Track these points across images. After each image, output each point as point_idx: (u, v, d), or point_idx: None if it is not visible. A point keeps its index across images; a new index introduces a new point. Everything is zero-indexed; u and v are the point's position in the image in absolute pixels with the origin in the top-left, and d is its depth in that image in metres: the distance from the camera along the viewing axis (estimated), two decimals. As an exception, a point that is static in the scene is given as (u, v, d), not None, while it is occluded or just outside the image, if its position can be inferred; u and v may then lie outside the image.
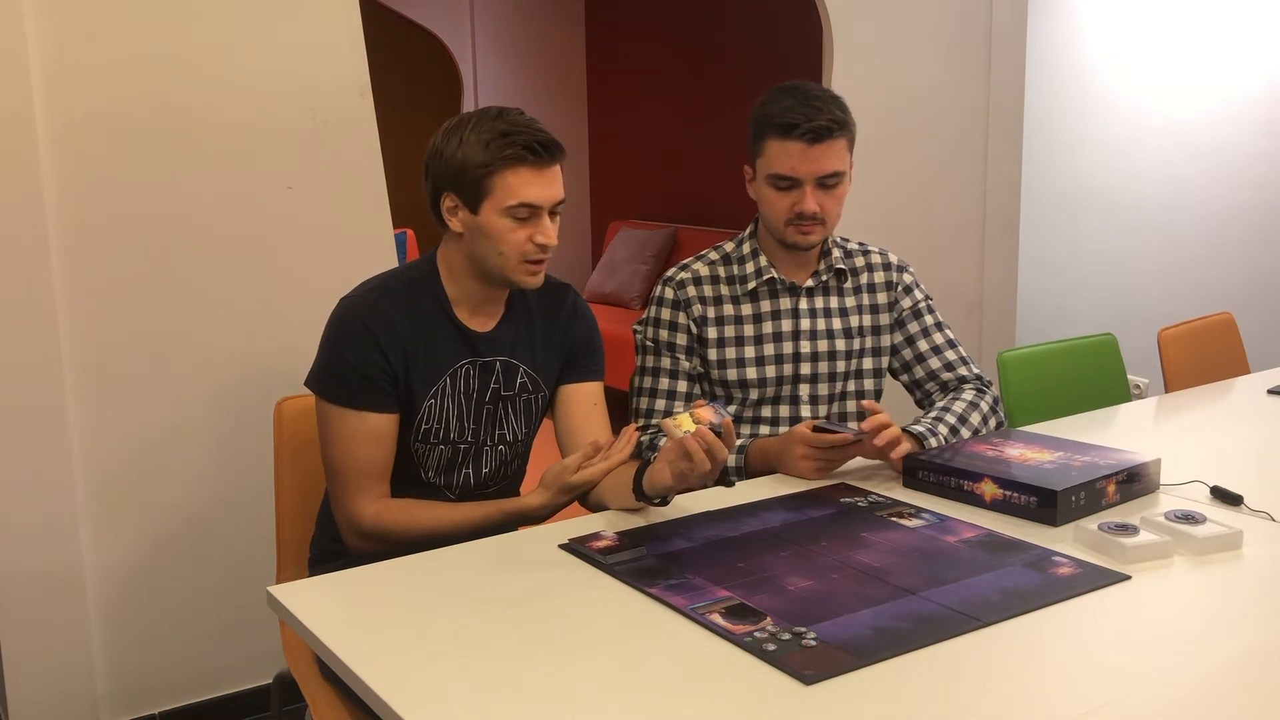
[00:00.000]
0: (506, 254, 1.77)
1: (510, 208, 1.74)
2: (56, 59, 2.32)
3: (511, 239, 1.76)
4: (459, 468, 1.89)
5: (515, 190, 1.74)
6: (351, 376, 1.78)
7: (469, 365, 1.85)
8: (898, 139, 3.62)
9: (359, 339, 1.78)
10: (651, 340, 2.16)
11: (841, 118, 2.03)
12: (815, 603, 1.44)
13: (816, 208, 2.03)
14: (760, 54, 5.30)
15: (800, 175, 2.02)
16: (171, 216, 2.47)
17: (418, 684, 1.26)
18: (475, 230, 1.78)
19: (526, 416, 1.93)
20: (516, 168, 1.73)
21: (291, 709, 2.49)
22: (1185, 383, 2.85)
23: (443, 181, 1.78)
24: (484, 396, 1.87)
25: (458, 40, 5.95)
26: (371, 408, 1.79)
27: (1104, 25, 5.02)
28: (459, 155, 1.75)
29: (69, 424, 2.41)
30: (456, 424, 1.85)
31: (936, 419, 2.08)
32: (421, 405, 1.82)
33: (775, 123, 2.01)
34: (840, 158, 2.04)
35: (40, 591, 2.43)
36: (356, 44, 2.63)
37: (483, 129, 1.74)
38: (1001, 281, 3.97)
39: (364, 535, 1.82)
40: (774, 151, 2.03)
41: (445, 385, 1.83)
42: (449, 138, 1.77)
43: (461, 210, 1.78)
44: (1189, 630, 1.38)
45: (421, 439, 1.85)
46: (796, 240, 2.08)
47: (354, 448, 1.79)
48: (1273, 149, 4.51)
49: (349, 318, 1.81)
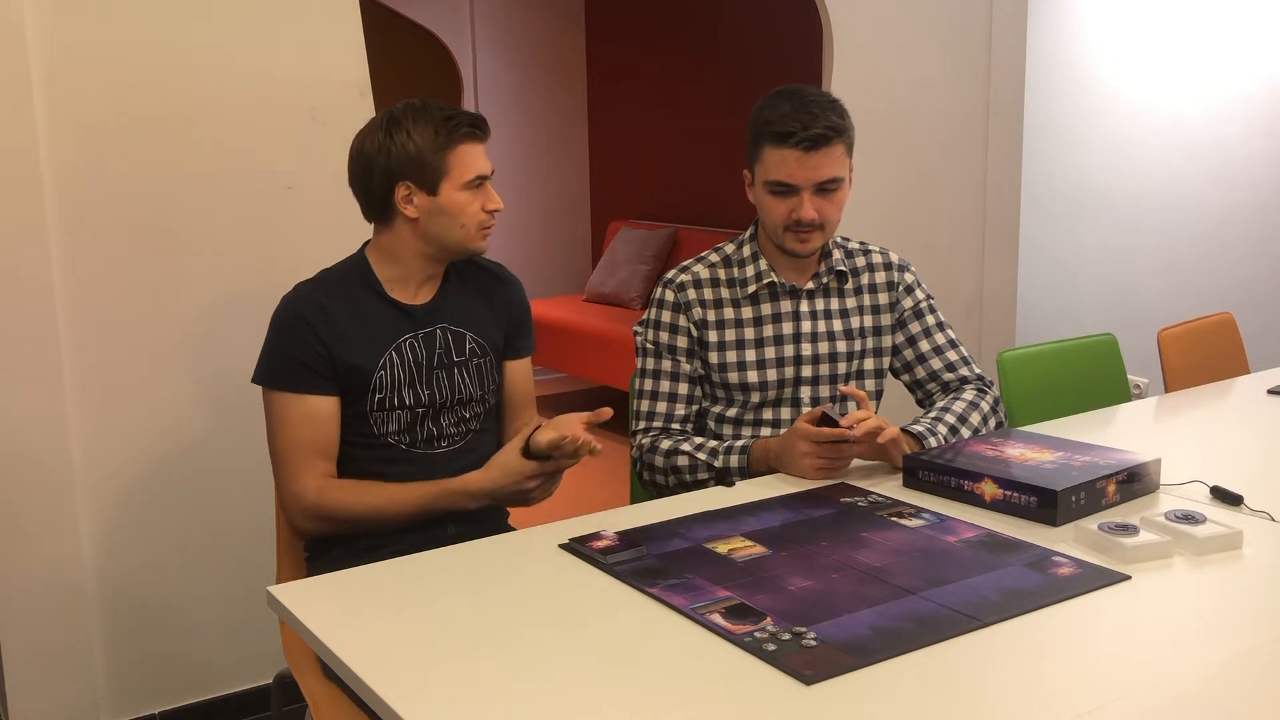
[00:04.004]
0: (468, 225, 1.95)
1: (468, 181, 1.93)
2: (56, 59, 2.32)
3: (470, 210, 1.94)
4: (420, 426, 1.99)
5: (470, 165, 1.93)
6: (290, 362, 1.90)
7: (411, 338, 1.97)
8: (898, 139, 3.62)
9: (294, 327, 1.91)
10: (652, 343, 2.15)
11: (839, 123, 2.01)
12: (815, 603, 1.44)
13: (814, 214, 2.02)
14: (760, 54, 5.30)
15: (797, 182, 2.01)
16: (171, 216, 2.47)
17: (418, 684, 1.26)
18: (434, 210, 1.93)
19: (479, 379, 2.04)
20: (467, 144, 1.93)
21: (291, 709, 2.49)
22: (1185, 383, 2.85)
23: (396, 173, 1.92)
24: (432, 362, 1.99)
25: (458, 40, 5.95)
26: (310, 390, 1.90)
27: (1104, 25, 5.02)
28: (410, 146, 1.90)
29: (69, 424, 2.41)
30: (410, 391, 1.96)
31: (936, 419, 2.08)
32: (372, 378, 1.93)
33: (772, 130, 2.00)
34: (838, 164, 2.02)
35: (41, 592, 2.43)
36: (356, 44, 2.63)
37: (425, 118, 1.91)
38: (1001, 281, 3.97)
39: (308, 513, 1.90)
40: (771, 159, 2.02)
41: (392, 357, 1.95)
42: (391, 134, 1.92)
43: (418, 195, 1.93)
44: (1189, 630, 1.38)
45: (377, 407, 1.95)
46: (795, 248, 2.07)
47: (295, 429, 1.90)
48: (1273, 149, 4.51)
49: (285, 310, 1.94)
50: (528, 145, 6.23)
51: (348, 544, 1.92)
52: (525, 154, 6.21)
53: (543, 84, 6.27)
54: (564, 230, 6.45)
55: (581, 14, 6.36)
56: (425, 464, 1.98)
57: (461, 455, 2.01)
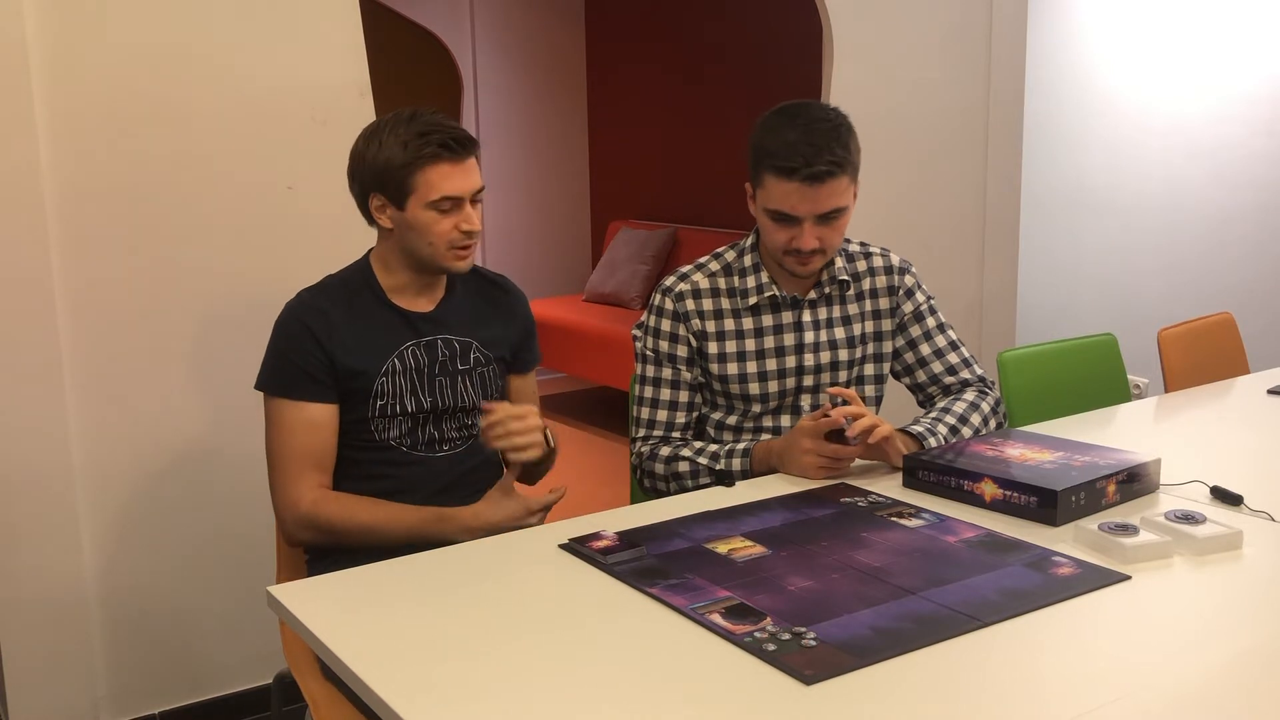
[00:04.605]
0: (435, 244, 1.90)
1: (434, 201, 1.87)
2: (57, 59, 2.32)
3: (438, 230, 1.89)
4: (420, 430, 1.98)
5: (437, 185, 1.87)
6: (291, 370, 1.89)
7: (414, 345, 1.96)
8: (898, 139, 3.62)
9: (296, 335, 1.90)
10: (652, 350, 2.15)
11: (843, 156, 1.95)
12: (815, 603, 1.44)
13: (815, 243, 1.99)
14: (760, 54, 5.30)
15: (800, 214, 1.97)
16: (172, 216, 2.47)
17: (418, 684, 1.26)
18: (404, 225, 1.90)
19: (483, 387, 2.03)
20: (436, 164, 1.86)
21: (291, 709, 2.49)
22: (1185, 383, 2.85)
23: (369, 183, 1.90)
24: (434, 370, 1.97)
25: (458, 40, 5.95)
26: (309, 398, 1.89)
27: (1104, 25, 5.02)
28: (380, 158, 1.87)
29: (69, 423, 2.41)
30: (412, 398, 1.95)
31: (936, 419, 2.08)
32: (374, 385, 1.92)
33: (774, 163, 1.95)
34: (841, 195, 1.97)
35: (41, 592, 2.43)
36: (356, 44, 2.63)
37: (399, 131, 1.86)
38: (1001, 281, 3.97)
39: (301, 523, 1.89)
40: (774, 189, 1.97)
41: (394, 365, 1.94)
42: (369, 142, 1.90)
43: (389, 208, 1.91)
44: (1189, 630, 1.38)
45: (379, 413, 1.94)
46: (795, 269, 2.06)
47: (293, 436, 1.89)
48: (1273, 149, 4.51)
49: (288, 317, 1.93)
50: (528, 145, 6.23)
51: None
52: (525, 154, 6.21)
53: (543, 84, 6.27)
54: (564, 230, 6.45)
55: (581, 14, 6.36)
56: (426, 466, 1.98)
57: (462, 459, 2.00)
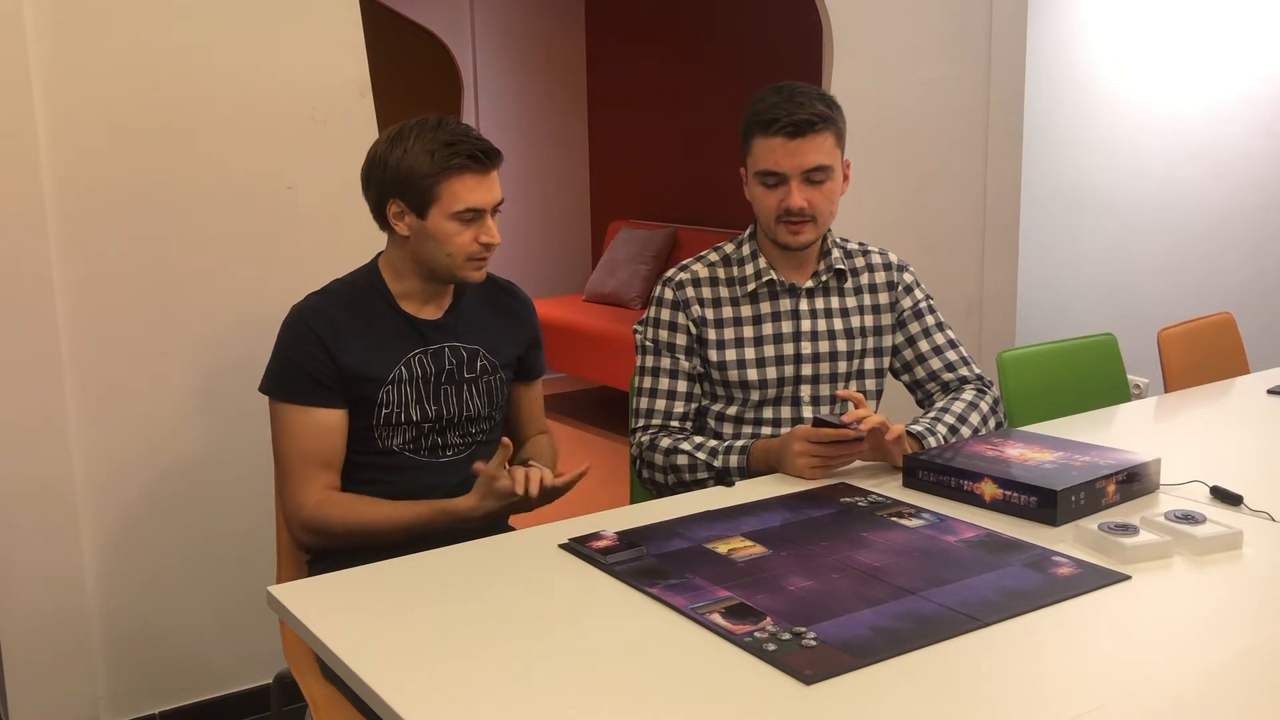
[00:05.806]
0: (454, 254, 1.89)
1: (457, 213, 1.86)
2: (56, 59, 2.32)
3: (458, 240, 1.88)
4: (424, 438, 1.97)
5: (461, 196, 1.86)
6: (298, 374, 1.88)
7: (420, 353, 1.95)
8: (898, 139, 3.62)
9: (304, 339, 1.89)
10: (651, 340, 2.16)
11: (825, 112, 2.02)
12: (815, 603, 1.44)
13: (804, 203, 2.02)
14: (760, 54, 5.30)
15: (784, 169, 2.01)
16: (171, 216, 2.47)
17: (418, 684, 1.26)
18: (422, 234, 1.89)
19: (489, 396, 2.02)
20: (461, 175, 1.85)
21: (291, 709, 2.49)
22: (1185, 383, 2.85)
23: (388, 189, 1.89)
24: (440, 378, 1.96)
25: (458, 40, 5.95)
26: (317, 403, 1.88)
27: (1104, 25, 5.02)
28: (404, 165, 1.86)
29: (69, 424, 2.41)
30: (417, 407, 1.94)
31: (935, 419, 2.08)
32: (379, 393, 1.91)
33: (758, 119, 2.02)
34: (825, 152, 2.02)
35: (41, 592, 2.43)
36: (356, 44, 2.63)
37: (425, 139, 1.85)
38: (1001, 281, 3.97)
39: (306, 526, 1.89)
40: (759, 149, 2.03)
41: (401, 373, 1.93)
42: (393, 148, 1.87)
43: (408, 215, 1.89)
44: (1189, 630, 1.38)
45: (383, 422, 1.93)
46: (787, 240, 2.07)
47: (300, 440, 1.88)
48: (1273, 149, 4.51)
49: (294, 321, 1.92)
50: (528, 145, 6.23)
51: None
52: (525, 154, 6.21)
53: (543, 84, 6.27)
54: (564, 230, 6.45)
55: (581, 14, 6.36)
56: (430, 470, 1.98)
57: (466, 465, 1.98)
